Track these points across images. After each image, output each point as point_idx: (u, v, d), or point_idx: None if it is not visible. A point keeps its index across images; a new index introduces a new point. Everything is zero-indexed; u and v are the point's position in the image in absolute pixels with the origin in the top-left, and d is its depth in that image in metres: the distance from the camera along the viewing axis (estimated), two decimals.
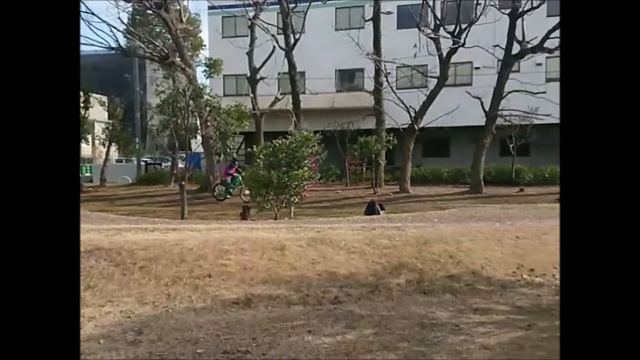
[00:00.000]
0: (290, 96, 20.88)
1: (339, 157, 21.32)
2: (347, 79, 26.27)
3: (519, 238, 7.51)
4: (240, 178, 17.13)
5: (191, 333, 4.43)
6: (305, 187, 12.10)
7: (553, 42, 15.93)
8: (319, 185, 16.51)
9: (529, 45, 16.34)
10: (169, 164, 21.93)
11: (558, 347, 4.09)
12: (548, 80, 21.58)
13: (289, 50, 20.31)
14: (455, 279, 6.11)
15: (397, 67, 20.46)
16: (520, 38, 16.71)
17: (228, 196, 17.81)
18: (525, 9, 16.20)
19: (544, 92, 17.70)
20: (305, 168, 11.65)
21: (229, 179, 17.92)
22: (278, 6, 20.79)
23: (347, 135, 21.10)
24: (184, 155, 18.41)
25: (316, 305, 5.25)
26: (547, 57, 20.53)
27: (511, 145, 20.22)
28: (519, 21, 16.56)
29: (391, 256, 6.47)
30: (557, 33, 15.70)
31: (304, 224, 9.04)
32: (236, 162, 18.59)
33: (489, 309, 5.17)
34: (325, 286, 5.64)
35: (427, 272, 6.22)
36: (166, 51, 20.08)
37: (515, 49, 16.85)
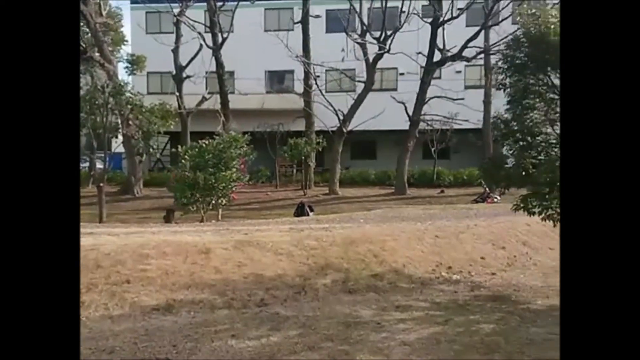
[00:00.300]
0: (218, 96, 20.47)
1: (269, 159, 21.21)
2: (277, 80, 26.21)
3: (439, 237, 7.87)
4: None
5: (106, 342, 4.19)
6: (234, 189, 11.91)
7: (471, 51, 16.91)
8: (249, 187, 16.31)
9: (449, 54, 17.24)
10: (87, 164, 20.66)
11: (472, 340, 4.38)
12: (467, 87, 22.86)
13: (216, 49, 19.91)
14: (379, 278, 6.28)
15: (327, 70, 20.70)
16: (441, 46, 17.57)
17: None
18: (445, 18, 17.06)
19: (463, 99, 18.74)
20: (234, 169, 11.46)
21: None
22: (205, 4, 20.31)
23: (277, 137, 21.05)
24: (102, 155, 17.43)
25: (241, 308, 5.17)
26: (465, 66, 21.74)
27: (433, 149, 21.18)
28: (440, 30, 17.41)
29: (318, 257, 6.52)
30: (475, 42, 16.69)
31: (232, 226, 8.89)
32: None
33: (409, 306, 5.36)
34: (252, 289, 5.58)
35: (353, 272, 6.34)
36: (84, 45, 18.92)
37: (437, 56, 17.69)
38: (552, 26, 5.14)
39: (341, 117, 18.26)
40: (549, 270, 7.08)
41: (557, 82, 5.73)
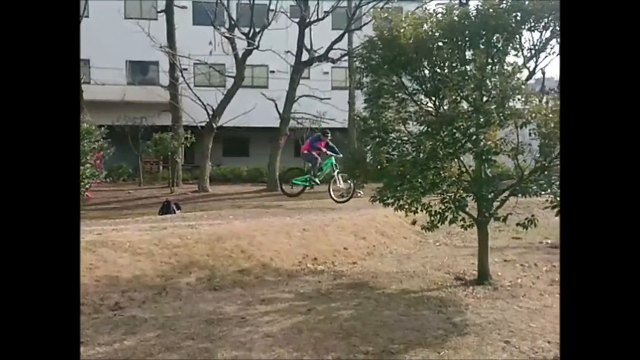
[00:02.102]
0: None
1: (132, 155, 19.82)
2: (140, 71, 24.57)
3: (306, 230, 8.09)
4: (333, 160, 12.63)
5: None
6: (88, 187, 10.87)
7: (336, 53, 17.64)
8: (107, 184, 15.06)
9: (316, 54, 17.79)
10: None
11: (332, 326, 4.57)
12: (334, 88, 23.84)
13: None
14: (245, 273, 6.24)
15: (195, 63, 19.96)
16: (308, 46, 18.06)
17: (310, 185, 13.27)
18: (312, 19, 17.57)
19: (329, 99, 19.50)
20: (87, 165, 10.46)
21: (318, 160, 12.80)
22: None
23: (140, 131, 19.75)
24: None
25: (92, 313, 4.75)
26: (332, 67, 22.65)
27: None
28: (307, 31, 17.88)
29: (182, 255, 6.27)
30: (340, 45, 17.44)
31: (84, 227, 8.13)
32: (328, 134, 13.00)
33: (274, 299, 5.41)
34: (105, 292, 5.15)
35: (219, 268, 6.21)
36: None
37: (305, 56, 18.15)
38: (402, 30, 5.57)
39: (211, 112, 17.78)
40: (402, 257, 7.70)
41: (407, 83, 6.24)
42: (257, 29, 16.60)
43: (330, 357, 3.87)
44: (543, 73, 18.50)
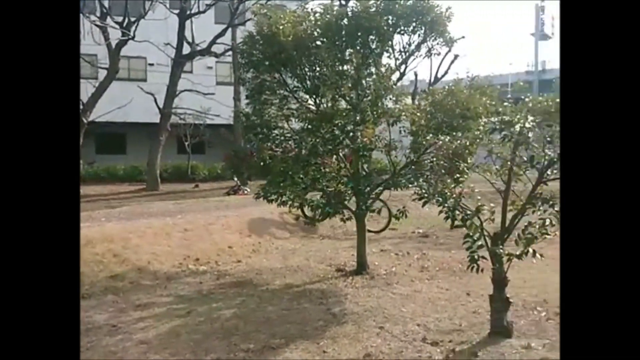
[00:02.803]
0: None
1: None
2: None
3: (188, 230, 7.79)
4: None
5: None
6: None
7: (220, 48, 17.23)
8: None
9: (198, 48, 17.21)
10: None
11: (213, 327, 4.45)
12: (218, 83, 23.23)
13: None
14: (119, 278, 5.83)
15: None
16: (190, 39, 17.40)
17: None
18: (193, 11, 16.95)
19: (214, 94, 18.99)
20: None
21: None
22: None
23: None
24: None
25: None
26: (216, 62, 22.10)
27: (187, 143, 20.89)
28: (188, 23, 17.21)
29: None
30: (224, 40, 17.06)
31: None
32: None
33: (151, 303, 5.13)
34: None
35: (88, 275, 5.72)
36: None
37: (186, 49, 17.45)
38: (282, 27, 5.60)
39: (81, 106, 16.28)
40: (288, 253, 7.78)
41: (289, 80, 6.29)
42: (133, 19, 15.56)
43: (209, 358, 3.76)
44: (415, 75, 19.91)
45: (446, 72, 19.59)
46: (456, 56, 18.94)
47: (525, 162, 4.20)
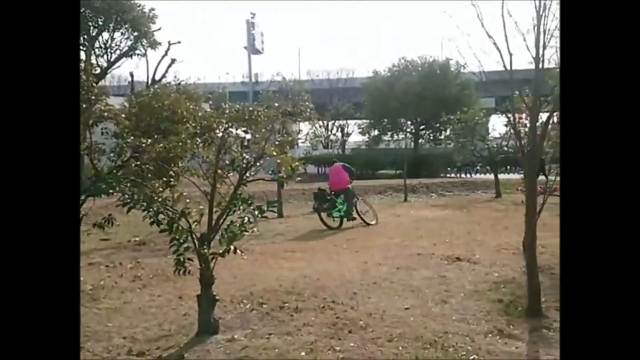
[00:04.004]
0: None
1: None
2: None
3: None
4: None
5: None
6: None
7: None
8: None
9: None
10: None
11: None
12: None
13: None
14: None
15: None
16: None
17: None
18: None
19: None
20: None
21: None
22: None
23: None
24: None
25: None
26: None
27: None
28: None
29: None
30: None
31: None
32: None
33: None
34: None
35: None
36: None
37: None
38: None
39: None
40: None
41: None
42: None
43: None
44: (132, 75, 19.02)
45: (164, 76, 19.32)
46: (173, 60, 18.85)
47: (228, 166, 4.49)
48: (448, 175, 27.31)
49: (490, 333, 4.05)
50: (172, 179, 4.83)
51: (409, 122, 31.86)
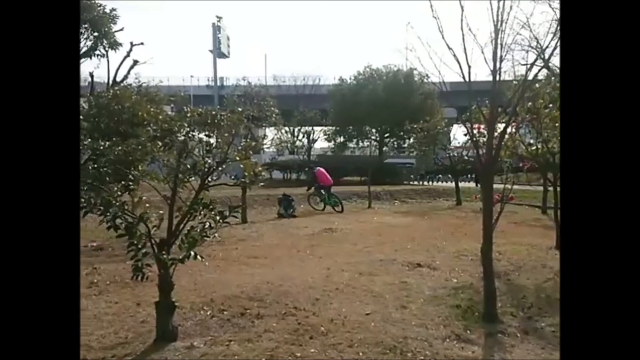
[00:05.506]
0: None
1: None
2: None
3: None
4: None
5: None
6: None
7: None
8: None
9: None
10: None
11: None
12: None
13: None
14: None
15: None
16: None
17: None
18: None
19: None
20: None
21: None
22: None
23: None
24: None
25: None
26: None
27: None
28: None
29: None
30: None
31: None
32: None
33: None
34: None
35: None
36: None
37: None
38: None
39: None
40: None
41: None
42: None
43: None
44: (92, 76, 18.49)
45: (125, 77, 18.85)
46: (135, 62, 18.42)
47: (190, 170, 4.43)
48: (411, 182, 27.80)
49: (448, 338, 4.14)
50: (131, 183, 4.72)
51: (374, 130, 32.22)
